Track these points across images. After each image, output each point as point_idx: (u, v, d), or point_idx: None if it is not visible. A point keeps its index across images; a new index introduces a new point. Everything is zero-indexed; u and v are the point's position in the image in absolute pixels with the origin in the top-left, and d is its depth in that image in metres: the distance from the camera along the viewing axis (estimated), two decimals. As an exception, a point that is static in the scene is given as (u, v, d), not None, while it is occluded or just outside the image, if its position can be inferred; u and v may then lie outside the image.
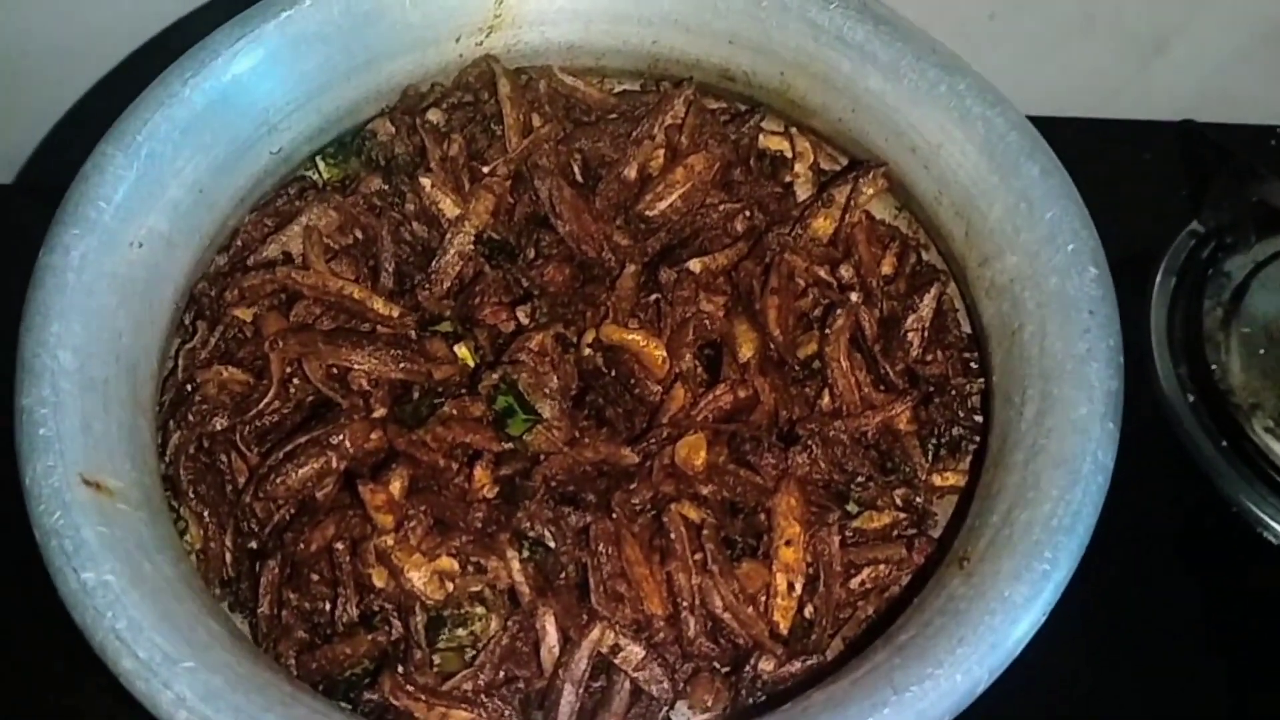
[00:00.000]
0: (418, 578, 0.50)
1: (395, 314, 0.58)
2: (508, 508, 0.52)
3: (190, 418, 0.55)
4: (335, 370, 0.57)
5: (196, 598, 0.46)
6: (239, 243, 0.61)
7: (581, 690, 0.51)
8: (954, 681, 0.42)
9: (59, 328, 0.49)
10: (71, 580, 0.43)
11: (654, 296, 0.60)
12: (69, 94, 0.81)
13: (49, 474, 0.45)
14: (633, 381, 0.58)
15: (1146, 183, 0.85)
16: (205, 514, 0.54)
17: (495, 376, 0.55)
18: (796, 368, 0.58)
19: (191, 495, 0.54)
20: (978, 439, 0.57)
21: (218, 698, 0.41)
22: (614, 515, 0.53)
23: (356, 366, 0.56)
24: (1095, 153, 0.56)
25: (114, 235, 0.52)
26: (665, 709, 0.52)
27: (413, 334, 0.58)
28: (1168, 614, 0.70)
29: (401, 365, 0.57)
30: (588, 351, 0.58)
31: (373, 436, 0.54)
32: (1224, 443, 0.74)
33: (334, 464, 0.54)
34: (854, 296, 0.57)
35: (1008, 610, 0.44)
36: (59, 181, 0.54)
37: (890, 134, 0.59)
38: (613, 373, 0.58)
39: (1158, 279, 0.80)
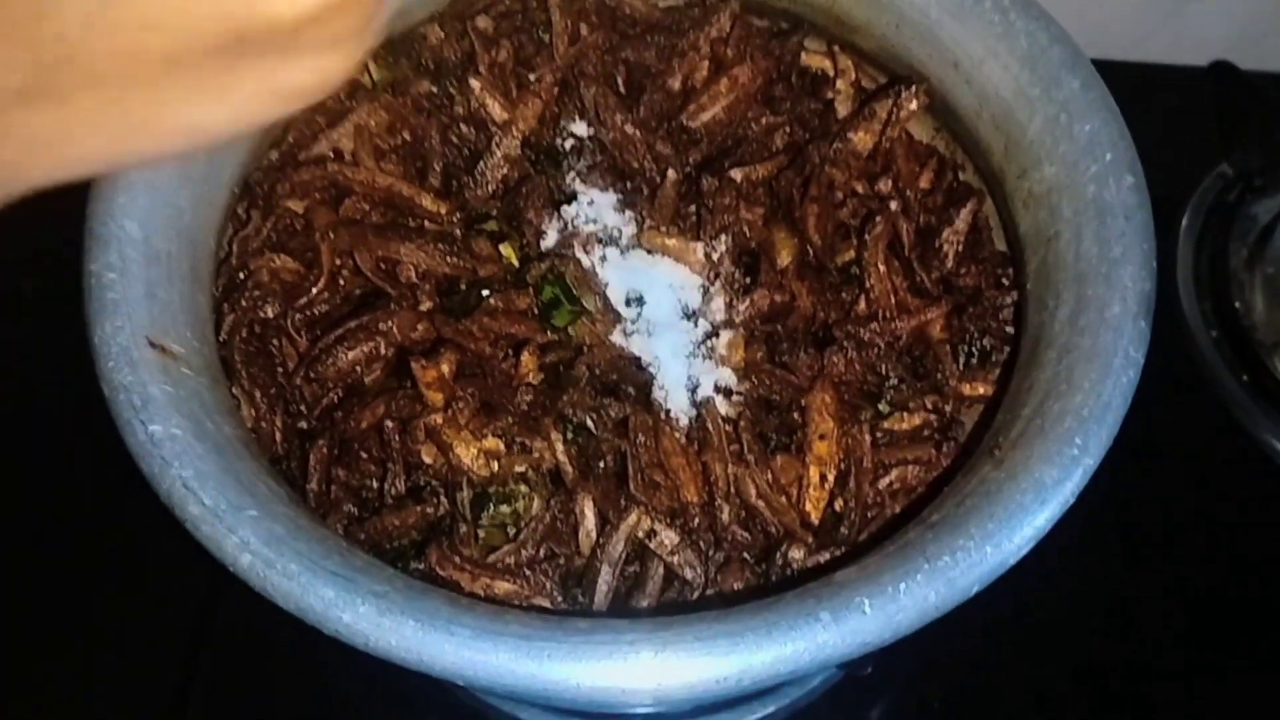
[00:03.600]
0: (465, 454, 0.52)
1: (443, 210, 0.60)
2: (552, 393, 0.54)
3: (243, 302, 0.57)
4: (384, 264, 0.58)
5: (255, 459, 0.48)
6: (290, 138, 0.62)
7: (618, 571, 0.52)
8: (984, 553, 0.44)
9: (125, 199, 0.50)
10: (140, 431, 0.45)
11: (694, 206, 0.61)
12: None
13: (117, 333, 0.47)
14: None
15: (1177, 126, 0.85)
16: (257, 394, 0.55)
17: (544, 267, 0.56)
18: (834, 273, 0.59)
19: (244, 375, 0.55)
20: (1007, 350, 0.58)
21: (280, 543, 0.43)
22: (653, 407, 0.55)
23: (405, 259, 0.58)
24: (1127, 95, 0.57)
25: (177, 117, 0.54)
26: (697, 592, 0.53)
27: (458, 232, 0.60)
28: (1183, 538, 0.72)
29: (449, 260, 0.58)
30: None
31: (420, 327, 0.56)
32: (1245, 377, 0.75)
33: (382, 349, 0.56)
34: (893, 205, 0.59)
35: (1038, 490, 0.45)
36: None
37: (933, 49, 0.60)
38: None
39: (1185, 219, 0.81)
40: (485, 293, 0.57)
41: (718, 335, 0.57)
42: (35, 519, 0.71)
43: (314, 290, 0.58)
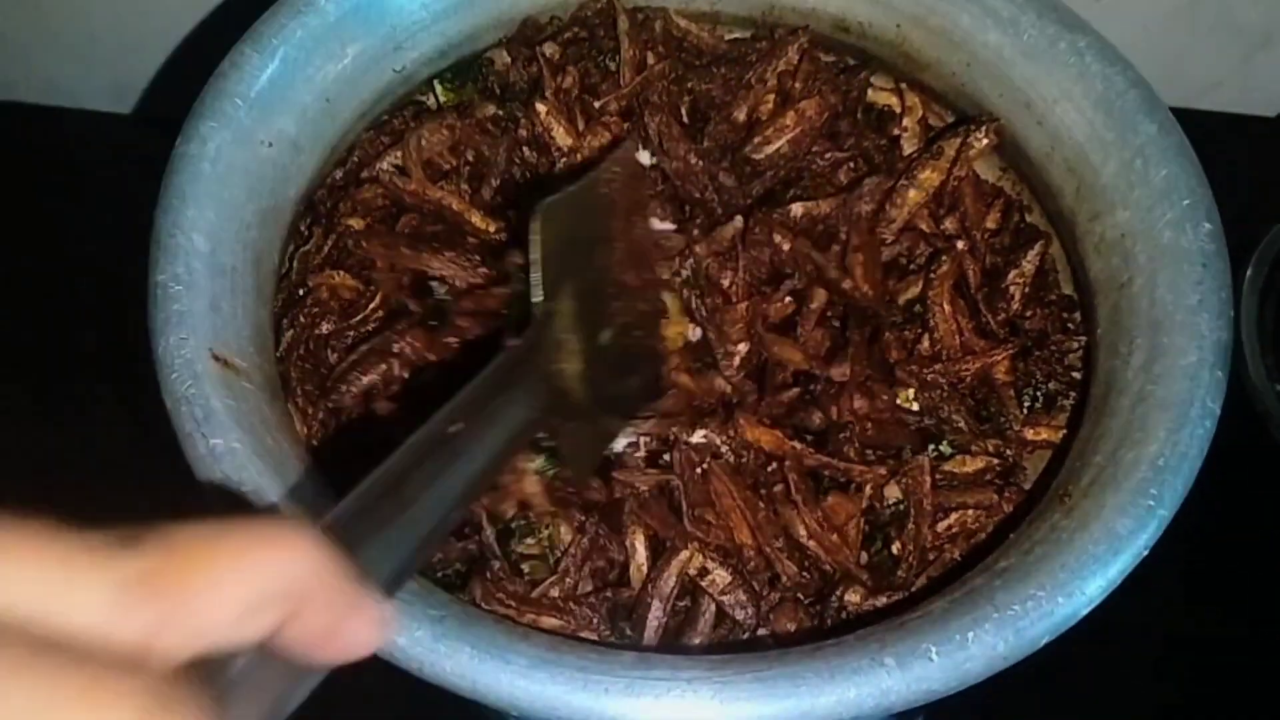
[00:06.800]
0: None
1: (491, 229, 0.59)
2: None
3: (301, 319, 0.57)
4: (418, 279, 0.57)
5: (311, 476, 0.47)
6: (355, 158, 0.62)
7: (669, 607, 0.51)
8: (1056, 603, 0.43)
9: (194, 212, 0.50)
10: (201, 445, 0.44)
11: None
12: (185, 24, 0.84)
13: (181, 346, 0.47)
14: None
15: (1242, 176, 0.84)
16: (309, 411, 0.55)
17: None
18: (897, 313, 0.58)
19: (299, 393, 0.55)
20: (1073, 396, 0.57)
21: (338, 562, 0.42)
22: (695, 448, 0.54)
23: (435, 271, 0.57)
24: (1193, 144, 0.57)
25: (247, 132, 0.54)
26: (748, 633, 0.52)
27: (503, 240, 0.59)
28: (1248, 596, 0.71)
29: (481, 271, 0.57)
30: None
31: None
32: (1310, 432, 0.73)
33: (395, 370, 0.54)
34: (960, 244, 0.58)
35: (1111, 541, 0.44)
36: (175, 112, 0.55)
37: (1005, 89, 0.60)
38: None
39: (1249, 271, 0.80)
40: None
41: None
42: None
43: (369, 307, 0.57)
